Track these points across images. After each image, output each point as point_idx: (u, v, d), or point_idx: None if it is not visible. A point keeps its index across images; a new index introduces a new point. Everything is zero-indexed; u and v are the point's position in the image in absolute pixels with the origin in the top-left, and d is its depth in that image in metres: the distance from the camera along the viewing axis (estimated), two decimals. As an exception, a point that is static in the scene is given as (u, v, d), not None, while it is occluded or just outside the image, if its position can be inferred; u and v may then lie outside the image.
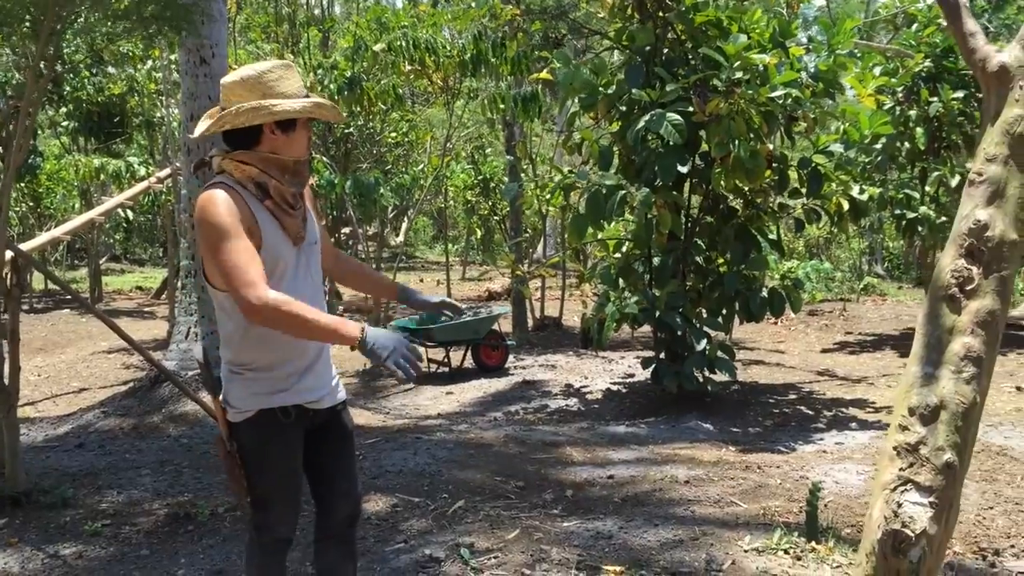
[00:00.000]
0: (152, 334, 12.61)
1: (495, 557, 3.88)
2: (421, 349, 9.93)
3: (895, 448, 2.04)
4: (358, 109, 10.83)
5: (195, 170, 2.75)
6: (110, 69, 15.44)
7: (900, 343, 11.54)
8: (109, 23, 5.61)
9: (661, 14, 7.37)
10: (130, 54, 13.59)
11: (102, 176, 14.11)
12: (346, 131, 13.23)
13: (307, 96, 2.62)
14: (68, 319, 15.19)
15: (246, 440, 2.65)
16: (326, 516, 2.85)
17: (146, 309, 16.82)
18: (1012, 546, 4.04)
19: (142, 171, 14.07)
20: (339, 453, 2.83)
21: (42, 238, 7.26)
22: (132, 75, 14.81)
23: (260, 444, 2.64)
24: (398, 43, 10.07)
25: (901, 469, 2.01)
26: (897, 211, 10.49)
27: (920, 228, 10.42)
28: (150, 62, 14.09)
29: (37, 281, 18.76)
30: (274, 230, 2.55)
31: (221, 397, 2.67)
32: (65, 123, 16.47)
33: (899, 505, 1.98)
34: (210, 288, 2.62)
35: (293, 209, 2.59)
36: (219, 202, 2.44)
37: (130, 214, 13.54)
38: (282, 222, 2.57)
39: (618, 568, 3.72)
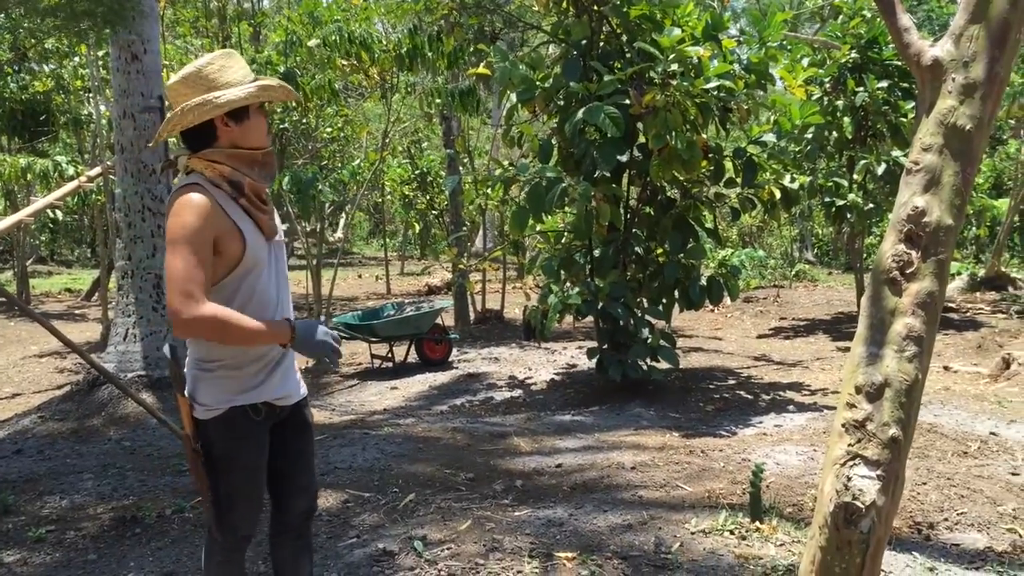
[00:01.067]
0: (85, 337, 12.33)
1: (448, 548, 3.92)
2: (364, 344, 9.93)
3: (843, 425, 2.14)
4: (293, 105, 10.73)
5: (162, 170, 2.74)
6: (34, 66, 15.01)
7: (832, 327, 11.86)
8: (37, 20, 5.50)
9: (596, 8, 7.45)
10: (55, 50, 13.23)
11: (29, 176, 13.72)
12: (281, 127, 13.09)
13: (254, 81, 2.59)
14: (-5, 324, 14.76)
15: (215, 438, 2.63)
16: (283, 512, 2.85)
17: (77, 311, 16.40)
18: (945, 519, 4.21)
19: (71, 170, 13.71)
20: (300, 448, 2.83)
21: (-30, 241, 7.06)
22: (58, 72, 14.41)
23: (229, 442, 2.63)
24: (332, 38, 10.01)
25: (850, 445, 2.11)
26: (826, 199, 10.79)
27: (848, 215, 10.74)
28: (77, 59, 13.74)
29: (-40, 285, 18.15)
30: (251, 228, 2.55)
31: (188, 395, 2.64)
32: (-13, 122, 15.97)
33: (849, 479, 2.08)
34: None
35: (265, 205, 2.60)
36: (194, 207, 2.43)
37: (59, 214, 13.19)
38: (256, 220, 2.57)
39: (570, 554, 3.79)
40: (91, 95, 13.95)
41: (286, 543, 2.87)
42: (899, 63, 10.74)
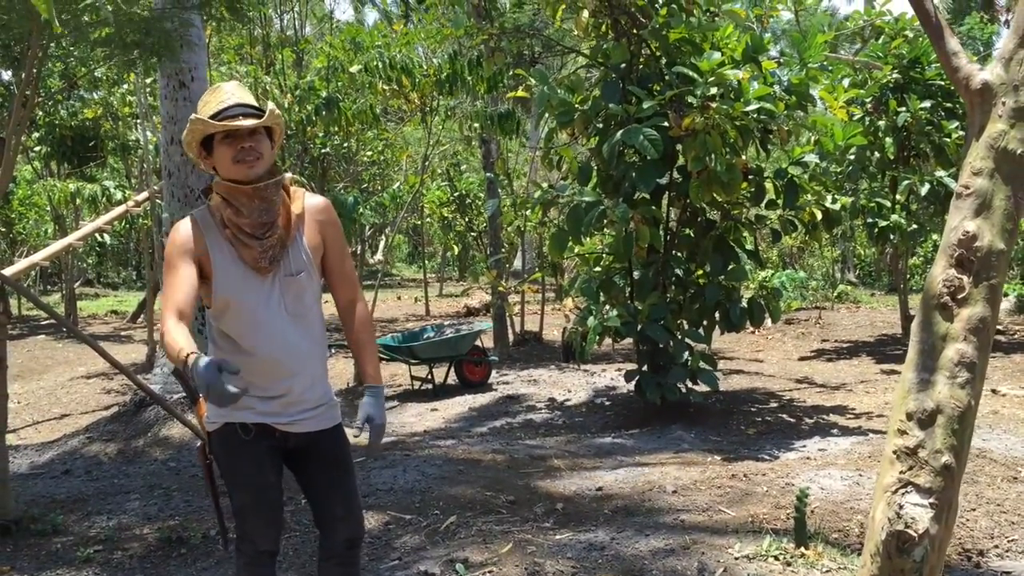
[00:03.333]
0: (130, 358, 12.51)
1: (490, 571, 3.92)
2: (404, 366, 9.98)
3: (895, 452, 2.11)
4: (335, 129, 10.87)
5: (197, 197, 2.85)
6: (83, 93, 15.37)
7: (876, 350, 11.70)
8: (88, 49, 5.64)
9: (635, 31, 7.48)
10: (104, 78, 13.54)
11: (77, 200, 14.02)
12: (323, 151, 13.24)
13: (228, 109, 2.59)
14: (44, 345, 15.04)
15: (217, 452, 2.74)
16: (326, 538, 2.88)
17: (123, 333, 16.69)
18: (996, 546, 4.13)
19: (118, 195, 14.00)
20: (329, 478, 2.82)
21: (22, 264, 7.22)
22: (107, 99, 14.75)
23: (227, 457, 2.71)
24: (374, 63, 10.13)
25: (901, 472, 2.09)
26: (869, 220, 10.68)
27: (892, 236, 10.61)
28: (125, 86, 14.06)
29: (10, 307, 18.54)
30: (228, 259, 2.59)
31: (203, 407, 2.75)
32: (37, 148, 16.37)
33: (901, 507, 2.06)
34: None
35: (255, 239, 2.59)
36: (175, 232, 2.61)
37: (107, 238, 13.47)
38: (240, 252, 2.59)
39: (612, 578, 3.77)
40: (139, 122, 14.25)
41: (331, 568, 2.89)
42: (942, 83, 10.63)
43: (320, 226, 2.74)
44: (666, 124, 6.75)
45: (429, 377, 9.67)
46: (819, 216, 7.45)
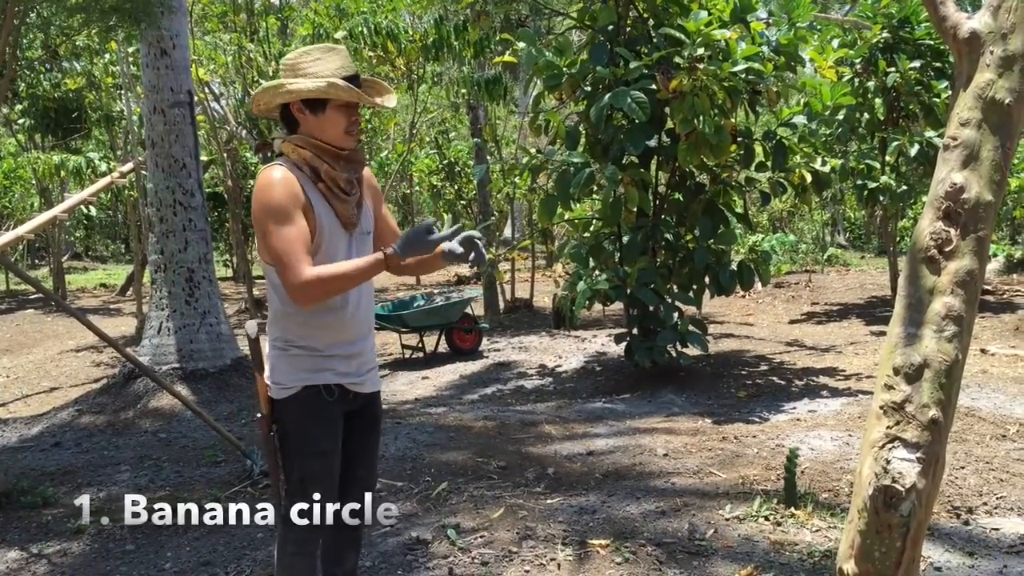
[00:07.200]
0: (120, 331, 12.49)
1: (482, 536, 3.92)
2: (395, 335, 9.97)
3: (881, 407, 2.10)
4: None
5: (256, 151, 2.78)
6: (65, 64, 15.17)
7: (865, 312, 11.73)
8: (66, 16, 5.54)
9: (622, -8, 7.39)
10: (85, 48, 13.35)
11: (62, 173, 13.87)
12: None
13: (351, 78, 2.59)
14: (32, 319, 14.97)
15: (288, 418, 2.63)
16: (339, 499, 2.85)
17: (112, 306, 16.63)
18: (985, 504, 4.16)
19: (103, 167, 13.86)
20: (366, 440, 2.82)
21: (8, 236, 7.11)
22: (89, 69, 14.56)
23: (302, 422, 2.62)
24: (359, 30, 10.02)
25: (888, 427, 2.08)
26: (859, 181, 10.65)
27: (881, 197, 10.59)
28: (107, 56, 13.88)
29: (-2, 282, 18.48)
30: (328, 213, 2.58)
31: (267, 375, 2.65)
32: (21, 120, 16.17)
33: (888, 462, 2.05)
34: (263, 264, 2.64)
35: (346, 194, 2.61)
36: (276, 182, 2.50)
37: (93, 211, 13.34)
38: (334, 206, 2.59)
39: (604, 541, 3.78)
40: (122, 91, 14.08)
41: (337, 531, 2.85)
42: (931, 42, 10.55)
43: (372, 191, 2.82)
44: (654, 87, 6.69)
45: (420, 345, 9.66)
46: (808, 178, 7.41)
